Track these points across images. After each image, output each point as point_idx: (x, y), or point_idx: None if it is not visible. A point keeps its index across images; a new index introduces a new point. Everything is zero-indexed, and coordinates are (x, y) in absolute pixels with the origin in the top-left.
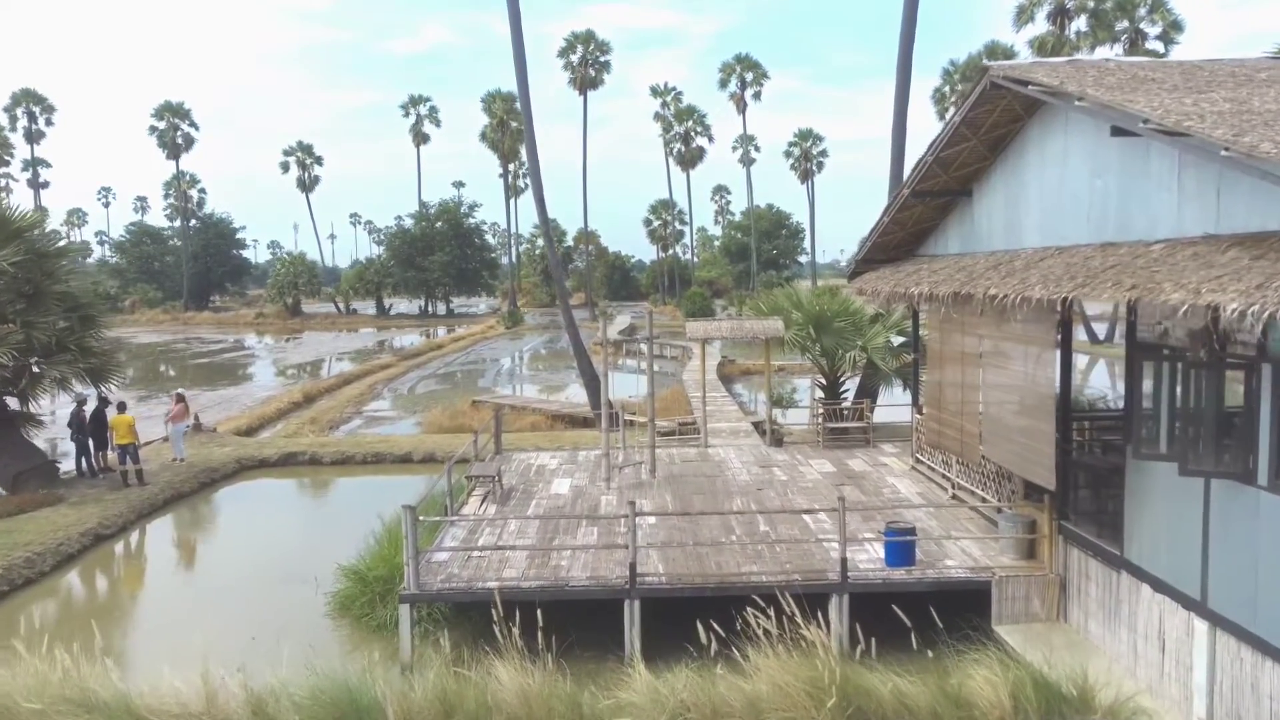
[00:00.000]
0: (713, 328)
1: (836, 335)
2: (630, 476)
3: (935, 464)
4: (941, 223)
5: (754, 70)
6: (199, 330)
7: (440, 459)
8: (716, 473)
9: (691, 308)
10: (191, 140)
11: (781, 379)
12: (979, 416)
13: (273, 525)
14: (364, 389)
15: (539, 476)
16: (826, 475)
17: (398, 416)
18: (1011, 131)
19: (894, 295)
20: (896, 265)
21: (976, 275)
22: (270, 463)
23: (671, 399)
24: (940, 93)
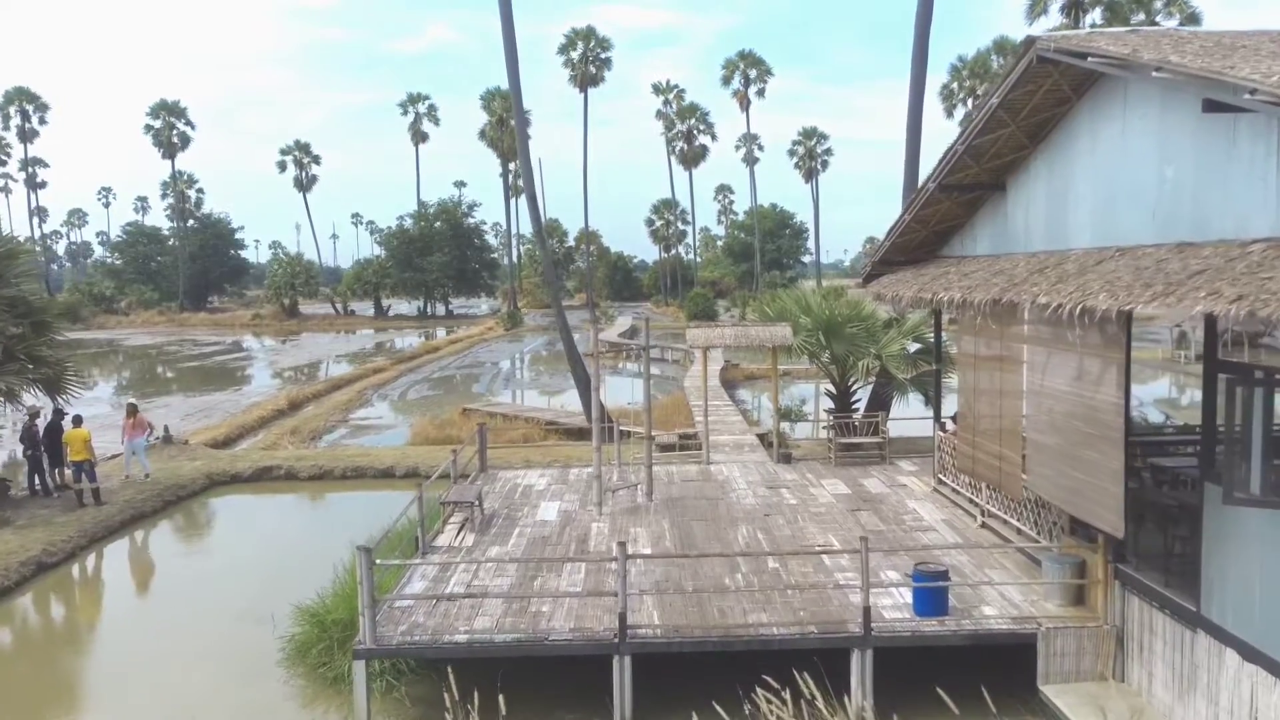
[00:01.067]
0: (715, 335)
1: (848, 342)
2: (625, 499)
3: (961, 486)
4: (969, 221)
5: (758, 67)
6: (194, 332)
7: (424, 473)
8: (719, 495)
9: (694, 309)
10: (188, 139)
11: (786, 382)
12: (1022, 443)
13: (237, 550)
14: (353, 395)
15: (525, 499)
16: (840, 498)
17: (385, 425)
18: (1056, 116)
19: (918, 301)
20: (918, 267)
21: (1018, 280)
22: (243, 478)
23: (672, 407)
24: (948, 89)
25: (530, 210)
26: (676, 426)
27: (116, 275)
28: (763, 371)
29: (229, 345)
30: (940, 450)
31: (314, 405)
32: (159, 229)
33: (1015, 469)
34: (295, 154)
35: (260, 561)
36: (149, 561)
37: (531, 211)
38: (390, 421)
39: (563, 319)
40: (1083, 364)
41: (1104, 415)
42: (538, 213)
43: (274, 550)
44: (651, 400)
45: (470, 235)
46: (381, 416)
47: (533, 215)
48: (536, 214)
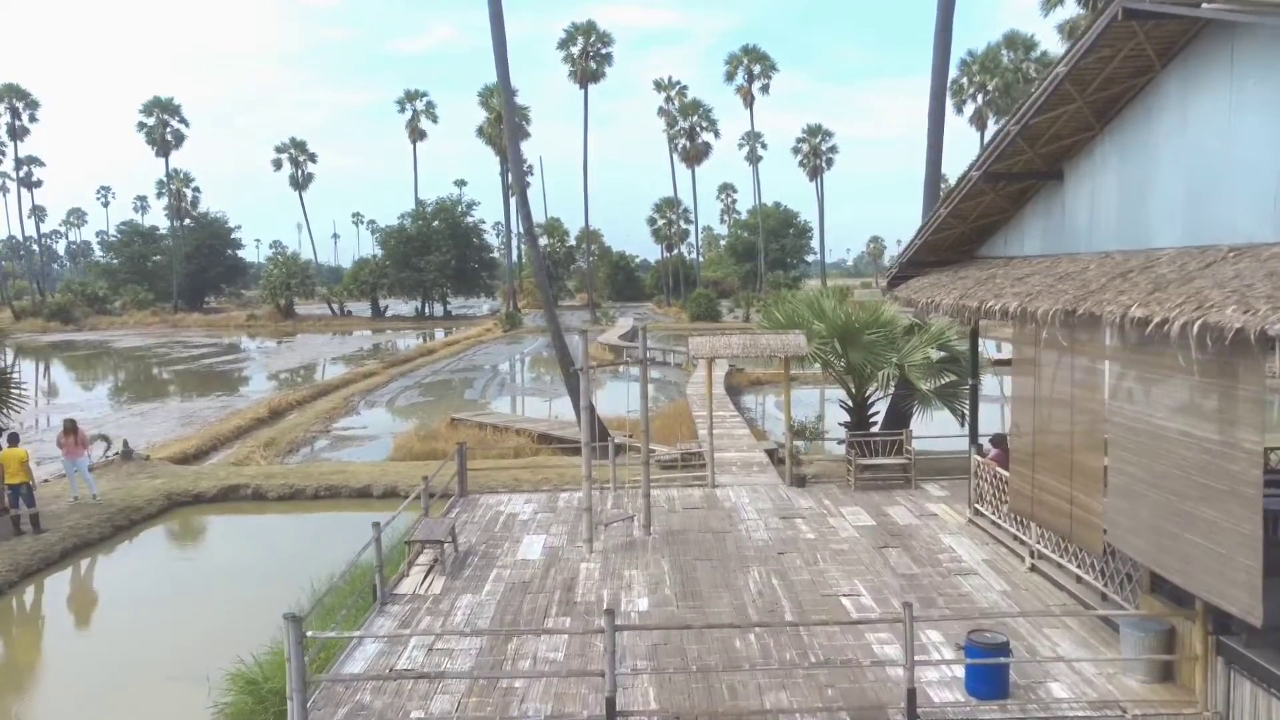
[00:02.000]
0: (721, 345)
1: (866, 350)
2: (620, 531)
3: (1002, 518)
4: (1016, 215)
5: (761, 62)
6: (188, 333)
7: (404, 493)
8: (726, 526)
9: (697, 309)
10: (182, 137)
11: (793, 387)
12: (1102, 488)
13: (188, 585)
14: (338, 402)
15: (507, 531)
16: (863, 531)
17: (368, 436)
18: (1131, 90)
19: (959, 309)
20: (955, 269)
21: (1094, 287)
22: (206, 498)
23: (674, 416)
24: (957, 85)
25: (519, 207)
26: (678, 440)
27: (111, 275)
28: (769, 376)
29: (220, 347)
30: (977, 477)
31: (297, 413)
32: (155, 228)
33: (1093, 519)
34: (291, 152)
35: (211, 600)
36: (85, 600)
37: (521, 208)
38: (374, 431)
39: (554, 321)
40: (1196, 395)
41: (1231, 464)
42: (527, 209)
43: (229, 586)
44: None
45: (469, 234)
46: (366, 426)
47: (522, 212)
48: (526, 210)
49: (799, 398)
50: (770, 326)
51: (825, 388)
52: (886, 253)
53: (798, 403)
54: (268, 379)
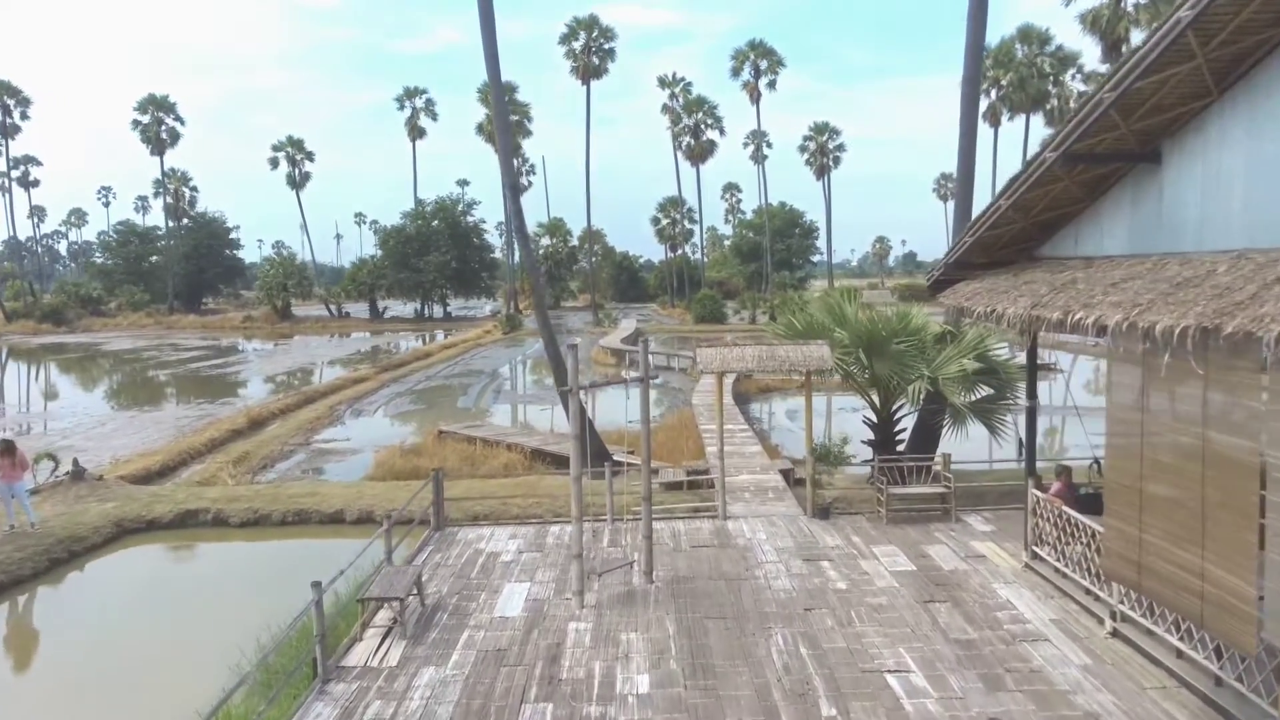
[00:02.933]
0: (734, 357)
1: (894, 360)
2: (618, 579)
3: (1068, 566)
4: (1091, 208)
5: (769, 58)
6: (182, 335)
7: (379, 518)
8: (742, 571)
9: (701, 311)
10: (177, 135)
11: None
12: (1257, 565)
13: (124, 636)
14: (323, 411)
15: (485, 578)
16: (903, 578)
17: (350, 449)
18: (1267, 43)
19: (1033, 321)
20: (1013, 272)
21: (1240, 297)
22: (161, 524)
23: (679, 429)
24: None
25: (510, 203)
26: (683, 458)
27: (108, 276)
28: (778, 383)
29: (211, 350)
30: (1036, 515)
31: (279, 423)
32: (153, 228)
33: (1241, 606)
34: (288, 150)
35: (145, 655)
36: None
37: (511, 203)
38: (358, 444)
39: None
40: None
41: None
42: (518, 205)
43: (168, 637)
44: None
45: (469, 234)
46: (349, 438)
47: (512, 208)
48: (516, 207)
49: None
50: (787, 335)
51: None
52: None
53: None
54: (257, 385)
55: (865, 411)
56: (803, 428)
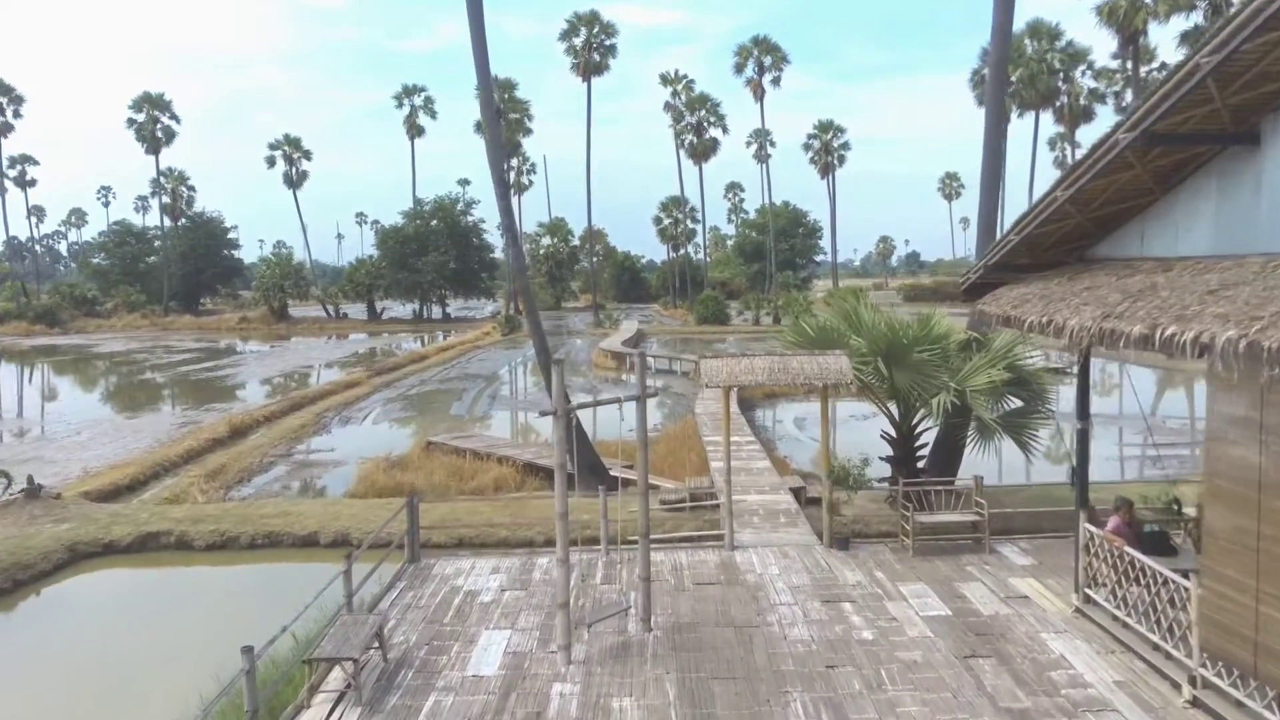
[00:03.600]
0: (742, 370)
1: (915, 370)
2: (612, 628)
3: (1130, 614)
4: (1164, 200)
5: (773, 54)
6: (177, 336)
7: (356, 540)
8: (752, 617)
9: (704, 312)
10: (173, 134)
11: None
12: None
13: (55, 683)
14: (310, 418)
15: (459, 623)
16: (937, 625)
17: (334, 461)
18: None
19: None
20: (1067, 275)
21: None
22: (119, 548)
23: (681, 439)
24: (979, 76)
25: (500, 200)
26: (686, 472)
27: (103, 276)
28: (784, 390)
29: (205, 352)
30: (1090, 554)
31: (262, 431)
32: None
33: None
34: (285, 149)
35: (75, 715)
36: None
37: (502, 201)
38: (343, 454)
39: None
40: None
41: None
42: (507, 203)
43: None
44: (655, 428)
45: (468, 234)
46: (334, 449)
47: (503, 206)
48: (508, 204)
49: (809, 411)
50: (799, 342)
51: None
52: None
53: (809, 418)
54: (246, 389)
55: (880, 420)
56: (814, 437)
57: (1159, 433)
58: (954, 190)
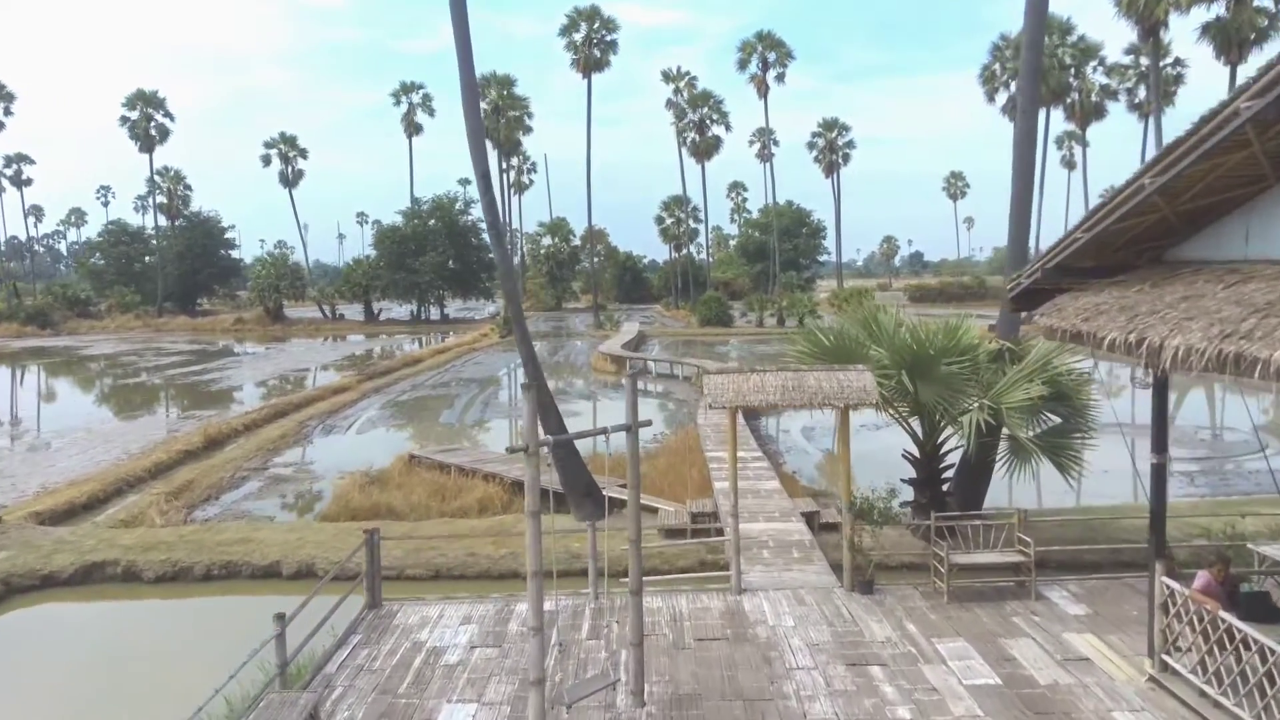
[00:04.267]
0: (751, 388)
1: (942, 385)
2: (598, 703)
3: (1225, 692)
4: (1274, 189)
5: (777, 49)
6: (171, 337)
7: (321, 570)
8: (765, 686)
9: (707, 313)
10: (166, 132)
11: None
12: None
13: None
14: (291, 427)
15: (417, 692)
16: (985, 698)
17: (312, 476)
18: None
19: (1238, 365)
20: (1149, 281)
21: None
22: (60, 579)
23: (682, 452)
24: (989, 72)
25: (482, 194)
26: (686, 491)
27: (99, 277)
28: None
29: (197, 353)
30: (1170, 615)
31: (239, 442)
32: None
33: None
34: (280, 148)
35: None
36: None
37: (484, 196)
38: (322, 468)
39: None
40: None
41: None
42: (491, 198)
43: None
44: (656, 438)
45: (467, 234)
46: (313, 462)
47: (486, 201)
48: (490, 199)
49: (818, 420)
50: (812, 353)
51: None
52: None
53: (817, 428)
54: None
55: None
56: (823, 448)
57: (1186, 444)
58: (959, 190)
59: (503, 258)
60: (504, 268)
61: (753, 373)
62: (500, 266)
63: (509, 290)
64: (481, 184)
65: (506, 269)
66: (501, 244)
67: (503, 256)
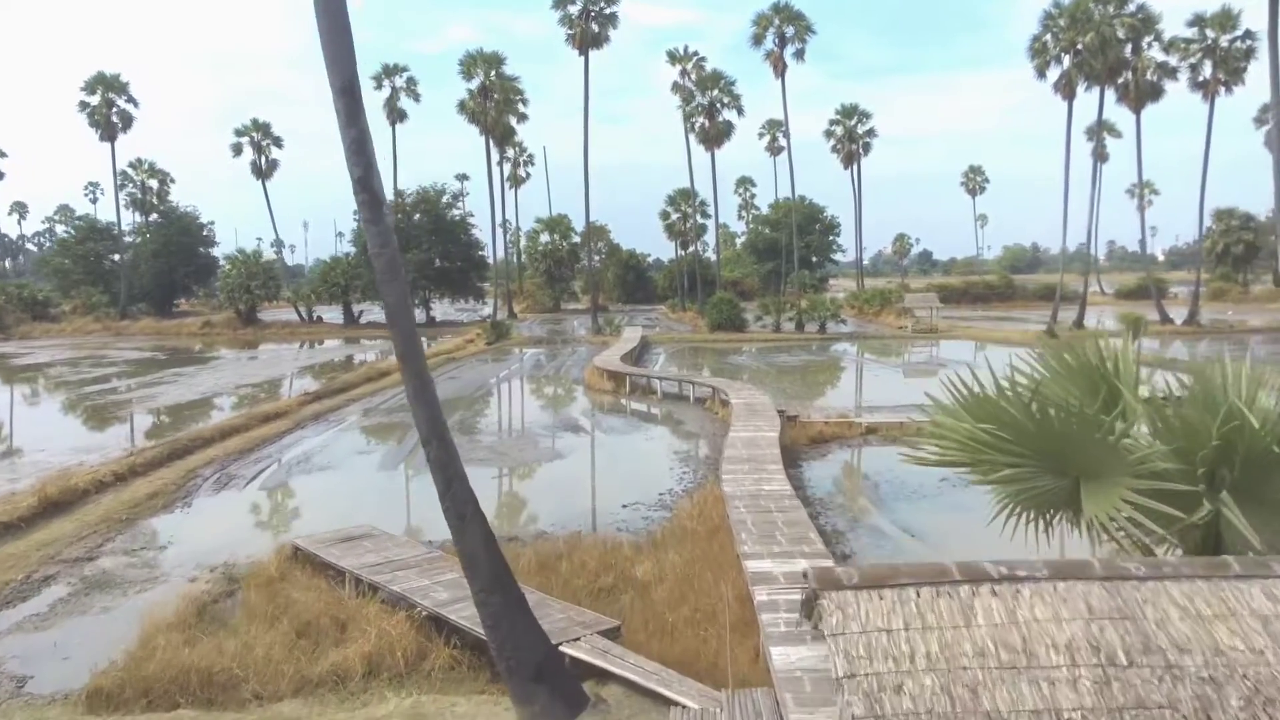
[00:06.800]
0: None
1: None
2: None
3: None
4: None
5: (796, 23)
6: (130, 342)
7: None
8: None
9: (718, 317)
10: (130, 119)
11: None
12: None
13: None
14: (176, 477)
15: None
16: None
17: (147, 578)
18: None
19: None
20: None
21: None
22: None
23: (704, 537)
24: (1039, 44)
25: (344, 129)
26: (711, 625)
27: (64, 276)
28: (836, 429)
29: (145, 363)
30: None
31: (93, 502)
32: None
33: None
34: (252, 135)
35: None
36: None
37: (349, 133)
38: (176, 558)
39: (418, 375)
40: None
41: None
42: (361, 135)
43: None
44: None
45: (455, 229)
46: (169, 544)
47: (351, 139)
48: (362, 135)
49: (898, 472)
50: (974, 440)
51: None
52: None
53: (905, 480)
54: (147, 420)
55: None
56: (916, 533)
57: None
58: (978, 185)
59: (376, 235)
60: (378, 245)
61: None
62: (372, 245)
63: (383, 268)
64: (344, 102)
65: (383, 244)
66: (378, 208)
67: (376, 231)
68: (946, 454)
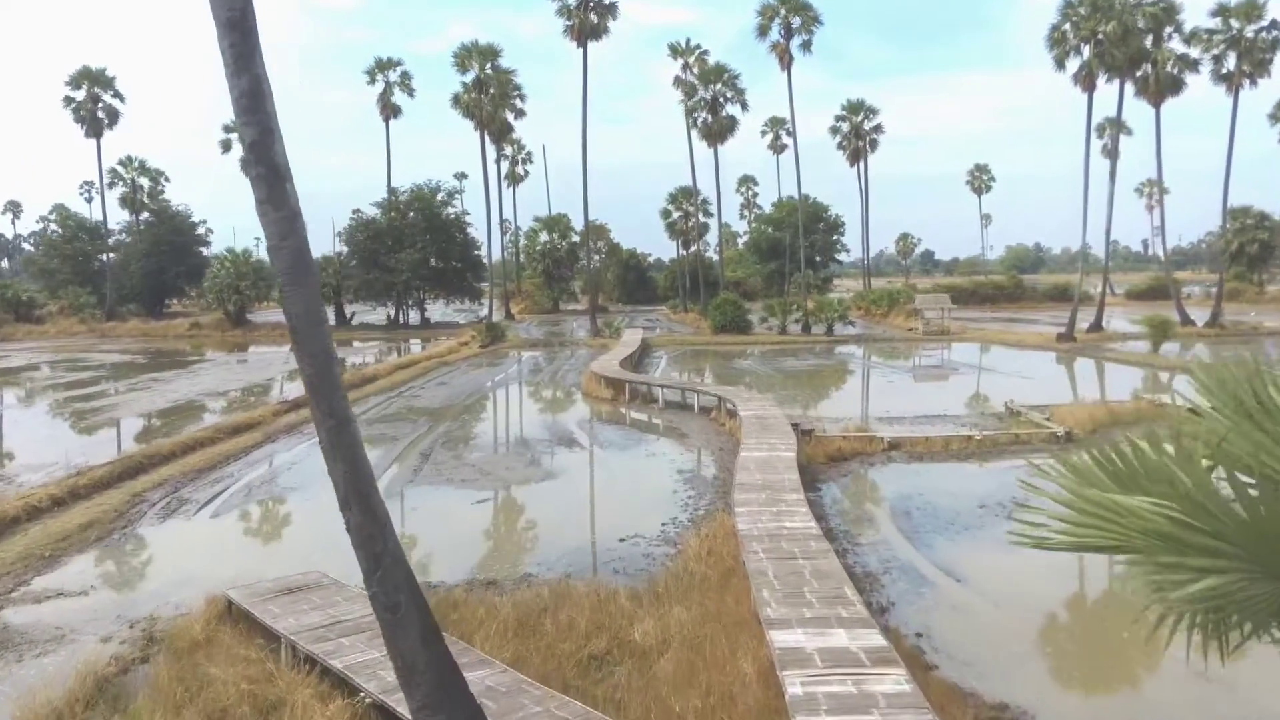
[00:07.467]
0: None
1: None
2: None
3: None
4: None
5: (802, 13)
6: (115, 344)
7: None
8: None
9: (721, 319)
10: (116, 114)
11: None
12: None
13: None
14: (121, 502)
15: None
16: None
17: (47, 637)
18: None
19: None
20: None
21: None
22: None
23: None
24: (1058, 33)
25: (232, 77)
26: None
27: (50, 276)
28: (854, 444)
29: (124, 366)
30: None
31: (20, 534)
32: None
33: None
34: None
35: None
36: None
37: (237, 83)
38: (95, 608)
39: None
40: None
41: None
42: (257, 87)
43: None
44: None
45: (450, 228)
46: (90, 590)
47: (241, 91)
48: (254, 90)
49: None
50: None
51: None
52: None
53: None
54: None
55: None
56: (964, 577)
57: None
58: (984, 184)
59: (280, 220)
60: (278, 236)
61: None
62: (270, 237)
63: (291, 296)
64: (231, 40)
65: (284, 236)
66: (279, 192)
67: (281, 219)
68: (1084, 535)
